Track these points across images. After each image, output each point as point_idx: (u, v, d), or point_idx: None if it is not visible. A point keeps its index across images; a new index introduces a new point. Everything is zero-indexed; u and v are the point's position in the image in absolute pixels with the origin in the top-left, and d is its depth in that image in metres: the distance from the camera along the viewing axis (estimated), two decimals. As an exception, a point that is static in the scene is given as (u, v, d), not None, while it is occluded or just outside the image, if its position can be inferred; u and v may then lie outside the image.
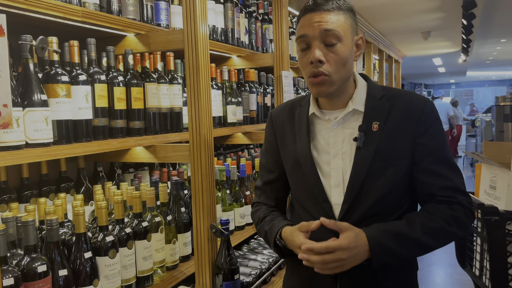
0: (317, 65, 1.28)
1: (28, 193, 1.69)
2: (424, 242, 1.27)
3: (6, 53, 1.02)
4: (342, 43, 1.29)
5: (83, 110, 1.54)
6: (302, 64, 1.34)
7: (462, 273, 2.34)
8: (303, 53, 1.32)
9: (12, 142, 1.25)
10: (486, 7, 5.70)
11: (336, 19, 1.28)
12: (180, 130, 2.02)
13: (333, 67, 1.29)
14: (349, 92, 1.39)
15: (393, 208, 1.34)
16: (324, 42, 1.28)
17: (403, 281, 1.39)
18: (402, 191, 1.35)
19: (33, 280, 1.26)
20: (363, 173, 1.31)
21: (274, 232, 1.43)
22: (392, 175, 1.31)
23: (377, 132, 1.32)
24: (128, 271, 1.62)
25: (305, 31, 1.30)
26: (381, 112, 1.34)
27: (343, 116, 1.37)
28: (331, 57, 1.28)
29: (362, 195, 1.31)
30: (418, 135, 1.32)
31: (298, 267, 1.42)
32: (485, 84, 21.25)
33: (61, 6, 1.45)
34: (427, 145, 1.32)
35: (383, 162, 1.31)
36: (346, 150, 1.35)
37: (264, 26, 2.88)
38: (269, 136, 1.56)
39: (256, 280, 2.11)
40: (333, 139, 1.38)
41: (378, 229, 1.27)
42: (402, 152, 1.32)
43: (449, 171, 1.33)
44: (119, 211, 1.62)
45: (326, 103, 1.41)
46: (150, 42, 1.89)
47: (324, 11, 1.28)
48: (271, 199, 1.56)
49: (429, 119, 1.33)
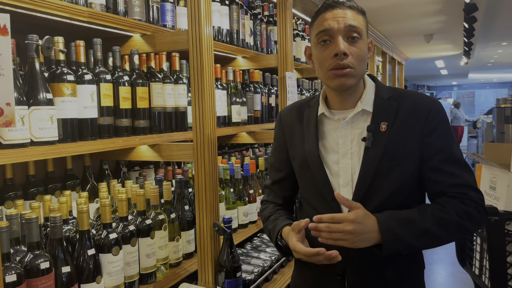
0: (341, 57, 1.27)
1: (34, 190, 1.67)
2: (434, 233, 1.24)
3: (9, 52, 1.00)
4: (362, 40, 1.31)
5: (88, 109, 1.52)
6: (322, 58, 1.32)
7: (464, 272, 2.32)
8: (324, 46, 1.30)
9: (17, 140, 1.23)
10: (487, 11, 5.64)
11: (357, 17, 1.31)
12: (185, 129, 2.00)
13: (356, 61, 1.29)
14: (359, 92, 1.38)
15: (401, 207, 1.32)
16: (347, 37, 1.29)
17: (411, 279, 1.37)
18: (410, 190, 1.34)
19: (36, 277, 1.24)
20: (371, 172, 1.30)
21: (275, 231, 1.43)
22: (400, 175, 1.30)
23: (385, 132, 1.31)
24: (131, 268, 1.60)
25: (330, 25, 1.28)
26: (389, 112, 1.33)
27: (352, 116, 1.36)
28: (354, 51, 1.29)
29: (370, 194, 1.30)
30: (425, 134, 1.30)
31: (306, 264, 1.41)
32: (487, 86, 21.10)
33: (67, 7, 1.43)
34: (435, 144, 1.30)
35: (391, 161, 1.30)
36: (355, 150, 1.34)
37: (269, 28, 2.85)
38: (278, 136, 1.55)
39: (258, 277, 2.08)
40: (342, 139, 1.37)
41: (390, 215, 1.25)
42: (410, 151, 1.31)
43: (459, 169, 1.31)
44: (123, 209, 1.60)
45: (336, 103, 1.40)
46: (156, 43, 1.87)
47: (347, 8, 1.30)
48: (279, 198, 1.55)
49: (436, 119, 1.31)
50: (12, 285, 1.16)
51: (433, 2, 4.87)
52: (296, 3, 3.06)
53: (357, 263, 1.31)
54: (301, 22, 3.49)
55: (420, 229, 1.23)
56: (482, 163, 2.31)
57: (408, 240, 1.23)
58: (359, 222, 1.19)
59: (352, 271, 1.32)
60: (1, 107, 0.94)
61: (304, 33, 3.48)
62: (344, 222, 1.19)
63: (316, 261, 1.25)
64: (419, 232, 1.23)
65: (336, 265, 1.32)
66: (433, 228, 1.23)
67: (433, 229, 1.23)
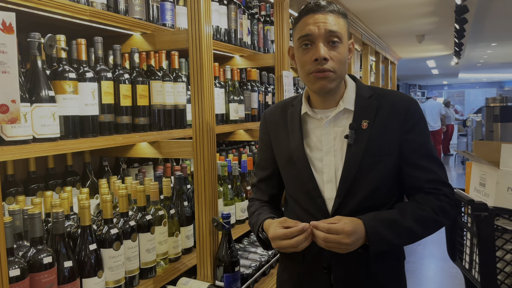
0: (322, 62, 1.28)
1: (35, 187, 1.66)
2: (415, 231, 1.29)
3: (15, 50, 0.99)
4: (342, 44, 1.31)
5: (89, 106, 1.51)
6: (303, 61, 1.33)
7: (453, 266, 2.33)
8: (305, 50, 1.32)
9: (19, 137, 1.22)
10: (478, 13, 5.67)
11: (338, 22, 1.31)
12: (184, 126, 2.00)
13: (336, 65, 1.30)
14: (340, 92, 1.40)
15: (382, 201, 1.36)
16: (328, 41, 1.29)
17: (392, 270, 1.42)
18: (391, 185, 1.37)
19: (39, 271, 1.24)
20: (354, 168, 1.32)
21: (257, 224, 1.43)
22: (381, 170, 1.33)
23: (366, 130, 1.33)
24: (132, 263, 1.60)
25: (310, 30, 1.29)
26: (370, 111, 1.36)
27: (334, 115, 1.37)
28: (334, 55, 1.30)
29: (353, 189, 1.33)
30: (404, 132, 1.34)
31: (292, 260, 1.44)
32: (476, 86, 21.24)
33: (69, 5, 1.42)
34: (413, 141, 1.34)
35: (372, 158, 1.32)
36: (338, 147, 1.36)
37: (266, 27, 2.85)
38: (263, 135, 1.56)
39: (255, 272, 2.08)
40: (325, 137, 1.38)
41: (374, 217, 1.27)
42: (390, 148, 1.34)
43: (434, 165, 1.36)
44: (123, 205, 1.59)
45: (318, 102, 1.41)
46: (156, 41, 1.86)
47: (328, 12, 1.30)
48: (265, 195, 1.55)
49: (414, 117, 1.35)
50: (16, 280, 1.16)
51: (425, 4, 4.88)
52: (292, 3, 3.05)
53: (343, 256, 1.31)
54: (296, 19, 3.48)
55: (402, 228, 1.28)
56: (472, 160, 2.32)
57: (392, 239, 1.27)
58: (354, 232, 1.21)
59: (337, 265, 1.35)
60: (7, 104, 0.93)
61: (300, 33, 3.48)
62: (341, 234, 1.20)
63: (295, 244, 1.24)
64: (401, 231, 1.28)
65: (322, 258, 1.36)
66: (414, 227, 1.28)
67: (414, 227, 1.28)
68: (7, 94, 0.93)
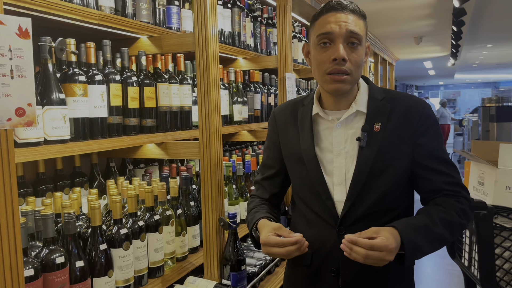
0: (340, 63, 1.24)
1: (44, 188, 1.66)
2: (444, 237, 1.24)
3: (31, 55, 0.99)
4: (361, 46, 1.27)
5: (98, 109, 1.51)
6: (320, 60, 1.28)
7: (451, 263, 2.33)
8: (324, 49, 1.26)
9: (31, 139, 1.22)
10: (474, 15, 5.68)
11: (359, 23, 1.27)
12: (190, 128, 2.00)
13: (354, 67, 1.26)
14: (353, 94, 1.36)
15: (393, 205, 1.32)
16: (347, 42, 1.25)
17: (402, 276, 1.37)
18: (402, 189, 1.33)
19: (52, 271, 1.24)
20: (365, 171, 1.28)
21: (252, 222, 1.41)
22: (393, 174, 1.29)
23: (379, 133, 1.30)
24: (141, 262, 1.60)
25: (332, 28, 1.24)
26: (382, 113, 1.32)
27: (346, 117, 1.34)
28: (353, 57, 1.25)
29: (364, 193, 1.29)
30: (418, 136, 1.30)
31: (299, 263, 1.40)
32: (472, 86, 21.26)
33: (79, 10, 1.42)
34: (427, 145, 1.30)
35: (384, 161, 1.29)
36: (349, 150, 1.33)
37: (268, 30, 2.85)
38: (271, 134, 1.52)
39: (261, 270, 2.09)
40: (337, 138, 1.35)
41: (407, 225, 1.21)
42: (402, 152, 1.30)
43: (450, 169, 1.32)
44: (132, 205, 1.60)
45: (330, 103, 1.37)
46: (163, 44, 1.86)
47: (350, 12, 1.25)
48: (266, 193, 1.52)
49: (428, 121, 1.31)
50: (30, 279, 1.16)
51: (423, 7, 4.90)
52: (294, 6, 3.06)
53: (352, 260, 1.26)
54: (298, 24, 3.49)
55: (433, 234, 1.22)
56: (470, 160, 2.32)
57: (425, 246, 1.22)
58: (397, 247, 1.15)
59: (346, 269, 1.30)
60: (23, 107, 0.93)
61: (301, 35, 3.48)
62: (385, 252, 1.13)
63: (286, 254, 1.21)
64: (433, 238, 1.23)
65: (330, 262, 1.32)
66: (444, 233, 1.23)
67: (444, 233, 1.23)
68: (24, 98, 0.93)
